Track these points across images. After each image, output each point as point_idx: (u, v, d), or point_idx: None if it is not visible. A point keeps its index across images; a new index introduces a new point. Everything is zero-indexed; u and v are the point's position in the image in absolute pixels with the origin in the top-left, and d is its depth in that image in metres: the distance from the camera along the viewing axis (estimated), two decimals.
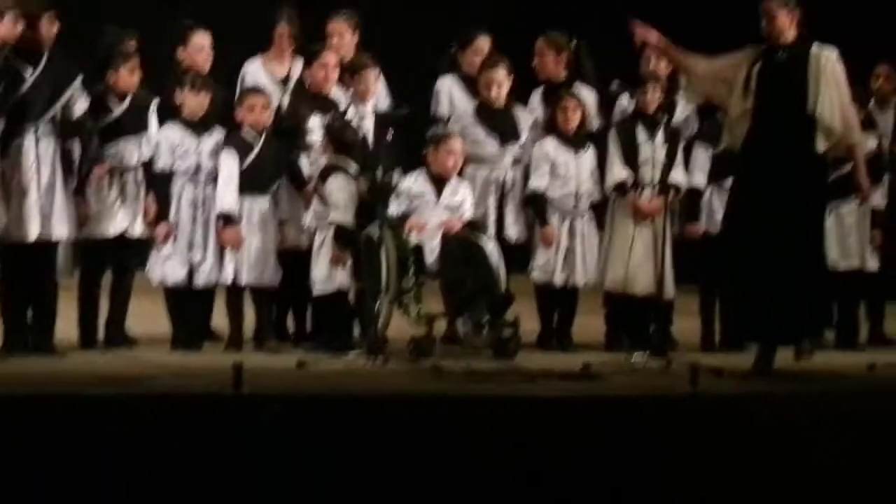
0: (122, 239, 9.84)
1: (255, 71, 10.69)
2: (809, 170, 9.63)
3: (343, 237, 9.88)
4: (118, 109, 9.78)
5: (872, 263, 10.96)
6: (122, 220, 9.85)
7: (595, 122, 10.76)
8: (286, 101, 10.48)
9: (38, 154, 9.46)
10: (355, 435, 7.60)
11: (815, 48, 9.56)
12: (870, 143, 10.84)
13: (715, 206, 10.51)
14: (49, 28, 9.42)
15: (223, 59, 10.73)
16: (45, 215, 9.44)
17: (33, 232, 9.33)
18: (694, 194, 10.47)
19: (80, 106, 9.59)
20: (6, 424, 7.44)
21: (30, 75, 9.40)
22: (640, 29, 9.83)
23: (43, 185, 9.48)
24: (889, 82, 11.27)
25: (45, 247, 9.45)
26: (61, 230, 9.47)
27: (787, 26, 9.58)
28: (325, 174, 9.95)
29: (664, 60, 10.60)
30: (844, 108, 9.58)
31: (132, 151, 9.82)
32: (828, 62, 9.50)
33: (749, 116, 9.53)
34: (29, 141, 9.41)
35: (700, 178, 10.48)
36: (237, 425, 7.50)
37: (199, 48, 10.31)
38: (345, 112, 10.33)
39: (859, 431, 8.08)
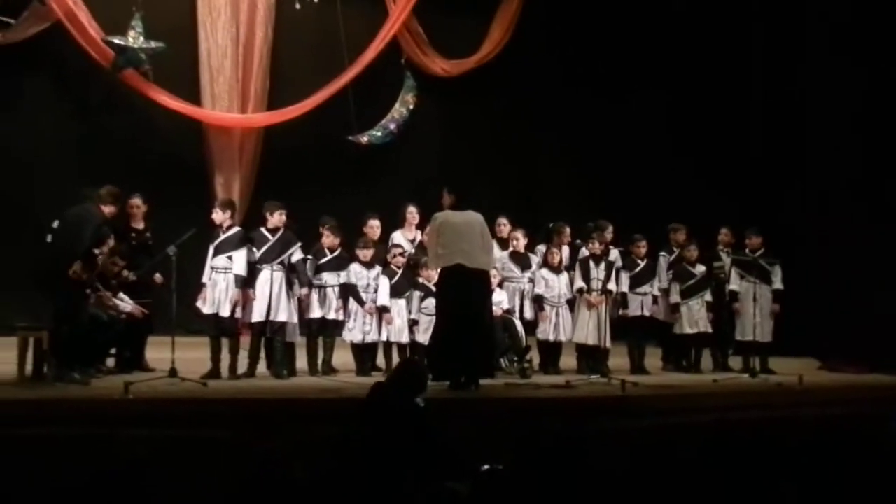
0: (324, 320, 10.47)
1: (399, 237, 11.28)
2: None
3: None
4: (326, 258, 10.53)
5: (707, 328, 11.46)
6: (325, 310, 10.47)
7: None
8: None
9: (272, 278, 10.05)
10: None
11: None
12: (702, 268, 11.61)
13: (632, 302, 11.39)
14: (280, 218, 10.17)
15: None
16: (273, 307, 9.97)
17: (264, 314, 9.90)
18: (623, 296, 11.34)
19: (297, 255, 10.15)
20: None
21: (271, 239, 10.08)
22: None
23: (274, 294, 10.00)
24: (727, 237, 11.93)
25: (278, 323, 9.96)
26: (283, 316, 10.00)
27: (446, 202, 9.74)
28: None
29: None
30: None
31: (331, 278, 10.50)
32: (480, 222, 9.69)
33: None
34: (267, 272, 10.04)
35: (624, 287, 11.34)
36: None
37: (371, 227, 11.03)
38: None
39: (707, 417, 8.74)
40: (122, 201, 10.01)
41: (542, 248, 11.57)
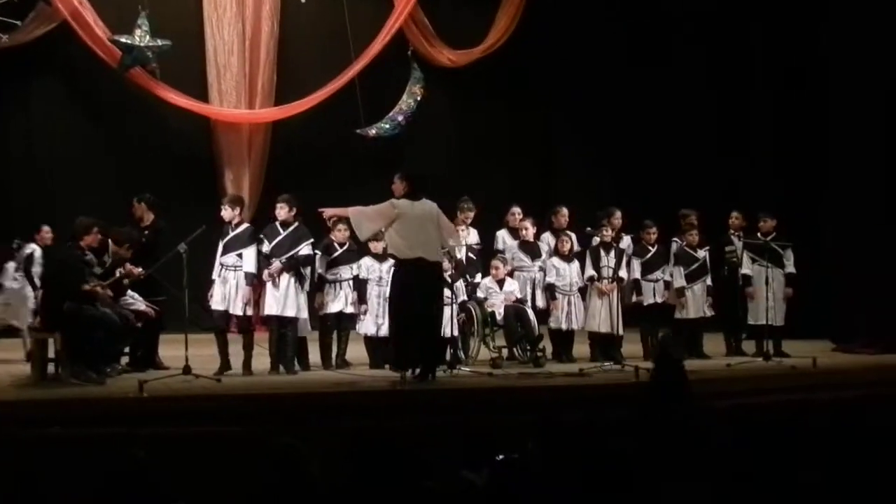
0: (340, 314, 10.44)
1: None
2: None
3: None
4: (337, 252, 10.43)
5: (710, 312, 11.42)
6: (340, 304, 10.46)
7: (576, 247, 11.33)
8: None
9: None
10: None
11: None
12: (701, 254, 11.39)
13: (644, 289, 11.28)
14: (289, 213, 10.07)
15: None
16: (281, 303, 9.88)
17: (275, 309, 9.88)
18: (636, 283, 11.26)
19: (306, 250, 10.06)
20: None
21: (282, 234, 10.04)
22: (327, 212, 9.96)
23: (282, 288, 9.94)
24: (739, 220, 11.72)
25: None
26: (293, 310, 9.94)
27: (399, 190, 9.42)
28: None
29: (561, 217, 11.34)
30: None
31: (345, 272, 10.45)
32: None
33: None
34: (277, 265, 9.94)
35: (636, 274, 11.26)
36: None
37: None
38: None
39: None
40: (100, 225, 9.72)
41: (548, 235, 11.53)
